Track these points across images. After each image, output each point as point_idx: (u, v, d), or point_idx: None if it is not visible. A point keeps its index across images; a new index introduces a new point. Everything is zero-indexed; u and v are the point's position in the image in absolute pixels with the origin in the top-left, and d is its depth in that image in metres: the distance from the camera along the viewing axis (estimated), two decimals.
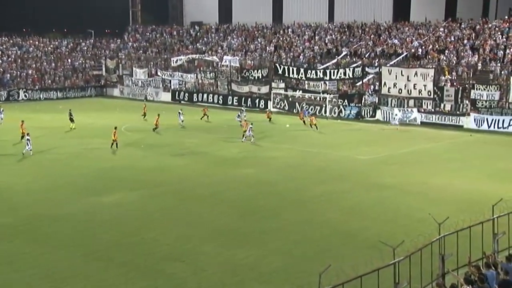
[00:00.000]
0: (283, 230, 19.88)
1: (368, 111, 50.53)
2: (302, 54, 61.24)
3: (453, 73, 48.45)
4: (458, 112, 45.84)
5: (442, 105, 46.68)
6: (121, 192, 24.98)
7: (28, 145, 32.08)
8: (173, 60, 66.86)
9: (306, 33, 65.31)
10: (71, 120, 44.18)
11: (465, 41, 51.76)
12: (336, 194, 24.54)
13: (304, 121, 46.73)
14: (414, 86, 47.64)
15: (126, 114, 54.57)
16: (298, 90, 56.23)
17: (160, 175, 28.50)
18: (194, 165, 31.01)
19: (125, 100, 68.86)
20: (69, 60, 76.97)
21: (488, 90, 45.18)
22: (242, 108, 51.35)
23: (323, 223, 20.56)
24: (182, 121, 45.56)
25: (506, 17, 53.60)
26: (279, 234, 19.48)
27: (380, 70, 50.29)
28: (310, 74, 54.62)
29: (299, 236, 19.19)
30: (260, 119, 47.30)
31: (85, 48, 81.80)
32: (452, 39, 52.95)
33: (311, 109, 52.92)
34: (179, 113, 46.27)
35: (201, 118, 49.61)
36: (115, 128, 35.95)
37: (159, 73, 68.25)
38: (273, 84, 57.68)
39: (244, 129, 39.34)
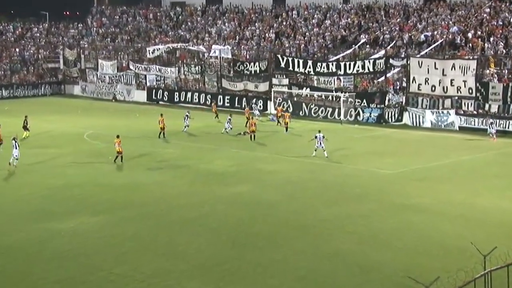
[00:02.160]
0: (284, 263, 19.88)
1: (393, 113, 50.77)
2: (310, 43, 61.55)
3: (500, 66, 48.67)
4: (507, 115, 45.99)
5: (486, 105, 46.88)
6: (82, 216, 24.97)
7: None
8: (149, 51, 67.27)
9: (315, 16, 65.68)
10: (25, 128, 44.23)
11: None
12: (352, 218, 24.51)
13: (279, 121, 47.35)
14: (451, 82, 47.86)
15: (90, 117, 54.72)
16: (305, 88, 56.56)
17: (132, 195, 28.50)
18: (173, 182, 31.03)
19: (89, 100, 69.18)
20: (17, 50, 77.17)
21: None
22: (253, 107, 53.45)
23: (334, 255, 20.54)
24: (187, 126, 45.82)
25: None
26: (279, 268, 19.44)
27: (408, 62, 50.55)
28: (320, 67, 54.95)
29: (304, 271, 19.18)
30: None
31: (38, 34, 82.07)
32: (500, 22, 53.25)
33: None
34: (186, 116, 46.28)
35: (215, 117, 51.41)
36: (118, 137, 35.78)
37: (131, 67, 68.60)
38: (274, 81, 58.00)
39: (253, 129, 42.22)
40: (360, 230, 23.02)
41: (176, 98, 64.53)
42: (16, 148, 33.14)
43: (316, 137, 36.33)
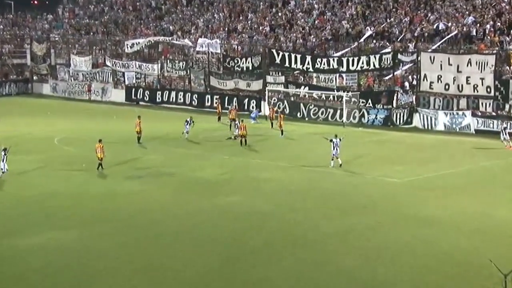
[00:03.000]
0: (281, 280, 19.92)
1: (402, 115, 51.04)
2: (308, 36, 61.75)
3: None
4: None
5: (506, 106, 47.26)
6: (52, 230, 24.93)
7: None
8: (127, 45, 67.44)
9: (315, 6, 65.91)
10: None
11: None
12: (357, 232, 24.64)
13: (272, 123, 47.74)
14: (467, 80, 48.19)
15: (61, 120, 54.69)
16: (303, 87, 56.81)
17: (109, 206, 28.55)
18: (156, 192, 31.09)
19: (60, 100, 69.16)
20: None
21: None
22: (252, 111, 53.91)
23: (336, 272, 20.63)
24: (187, 132, 45.37)
25: None
26: (276, 286, 19.49)
27: (419, 57, 50.84)
28: (320, 63, 55.23)
29: None
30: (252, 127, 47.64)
31: (1, 27, 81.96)
32: None
33: (319, 112, 53.54)
34: (187, 121, 45.93)
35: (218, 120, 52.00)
36: (100, 141, 36.06)
37: (108, 63, 68.72)
38: (269, 78, 58.24)
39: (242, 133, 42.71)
40: (366, 244, 23.14)
41: (158, 98, 64.63)
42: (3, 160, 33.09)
43: (332, 141, 35.30)
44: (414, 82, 51.93)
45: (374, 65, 52.99)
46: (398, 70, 53.66)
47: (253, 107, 57.31)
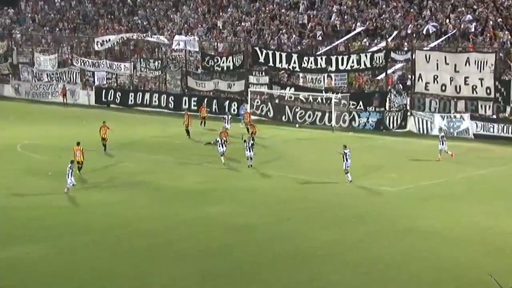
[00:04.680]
0: None
1: (395, 118, 51.30)
2: (294, 33, 61.99)
3: None
4: None
5: (508, 108, 47.61)
6: (20, 244, 25.01)
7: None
8: (97, 42, 67.12)
9: (301, 0, 66.01)
10: None
11: None
12: (347, 245, 24.89)
13: (248, 126, 47.28)
14: (465, 81, 48.47)
15: (24, 125, 54.41)
16: (288, 88, 56.92)
17: (80, 219, 28.62)
18: (130, 203, 31.17)
19: (23, 102, 68.65)
20: None
21: None
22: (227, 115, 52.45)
23: (331, 283, 20.91)
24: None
25: None
26: None
27: (413, 56, 51.12)
28: (307, 63, 55.43)
29: None
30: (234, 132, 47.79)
31: None
32: None
33: (305, 116, 53.80)
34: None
35: (201, 124, 51.48)
36: (78, 144, 36.31)
37: (75, 62, 68.38)
38: (251, 79, 58.33)
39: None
40: (358, 258, 23.35)
41: (131, 101, 64.40)
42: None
43: (345, 154, 34.24)
44: (409, 83, 52.16)
45: (365, 64, 53.12)
46: (391, 70, 53.86)
47: (234, 110, 57.27)
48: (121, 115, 59.25)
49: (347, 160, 34.08)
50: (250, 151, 37.72)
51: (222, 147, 39.04)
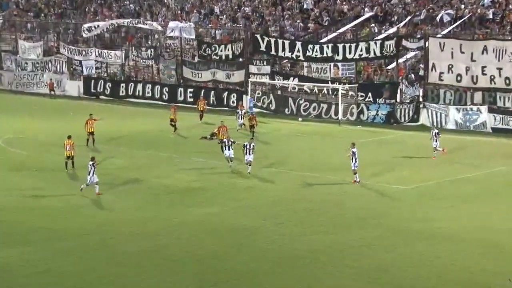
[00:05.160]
0: None
1: (407, 111, 51.17)
2: (298, 19, 61.80)
3: None
4: None
5: None
6: (0, 248, 25.03)
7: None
8: (85, 29, 66.95)
9: None
10: None
11: None
12: (353, 249, 24.70)
13: (250, 123, 46.35)
14: (482, 70, 48.50)
15: (7, 118, 54.28)
16: (292, 78, 56.79)
17: (66, 220, 28.48)
18: (120, 203, 31.02)
19: (6, 93, 68.57)
20: None
21: None
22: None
23: None
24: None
25: None
26: None
27: (427, 44, 51.00)
28: (312, 51, 55.26)
29: None
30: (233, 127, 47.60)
31: None
32: None
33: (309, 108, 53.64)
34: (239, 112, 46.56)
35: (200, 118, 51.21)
36: (69, 137, 36.50)
37: (62, 50, 68.31)
38: (252, 68, 58.17)
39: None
40: (364, 263, 23.17)
41: (122, 92, 64.35)
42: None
43: (353, 153, 33.69)
44: (421, 73, 52.06)
45: (374, 53, 52.98)
46: (403, 59, 53.71)
47: (233, 102, 57.13)
48: (111, 107, 59.24)
49: (355, 160, 33.61)
50: (249, 154, 35.67)
51: (229, 149, 36.76)
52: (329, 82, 54.48)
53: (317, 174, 35.72)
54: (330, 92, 53.86)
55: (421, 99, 51.10)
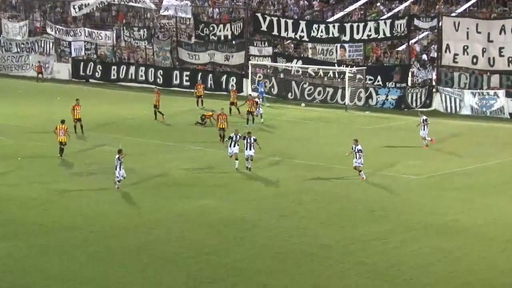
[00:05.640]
0: None
1: (419, 96, 51.07)
2: None
3: None
4: None
5: None
6: None
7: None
8: (74, 7, 66.76)
9: None
10: None
11: None
12: (362, 244, 24.59)
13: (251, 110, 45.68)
14: (499, 52, 48.36)
15: None
16: (295, 60, 56.67)
17: (51, 213, 28.40)
18: (110, 194, 30.94)
19: None
20: None
21: None
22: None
23: None
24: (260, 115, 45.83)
25: None
26: None
27: (440, 23, 50.83)
28: (317, 31, 55.10)
29: None
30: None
31: None
32: None
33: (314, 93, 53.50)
34: (258, 102, 45.71)
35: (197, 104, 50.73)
36: (63, 122, 36.77)
37: (49, 30, 68.09)
38: (252, 50, 58.06)
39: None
40: (374, 260, 23.06)
41: (114, 75, 64.31)
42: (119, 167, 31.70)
43: (357, 151, 32.73)
44: (434, 55, 51.92)
45: (384, 33, 52.86)
46: (415, 39, 53.60)
47: (232, 86, 56.99)
48: (102, 92, 59.22)
49: (356, 156, 32.63)
50: (250, 149, 34.06)
51: (235, 145, 34.63)
52: (335, 64, 54.40)
53: (323, 164, 35.63)
54: (337, 76, 53.76)
55: (434, 83, 50.99)
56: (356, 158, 32.75)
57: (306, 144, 40.63)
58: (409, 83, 51.79)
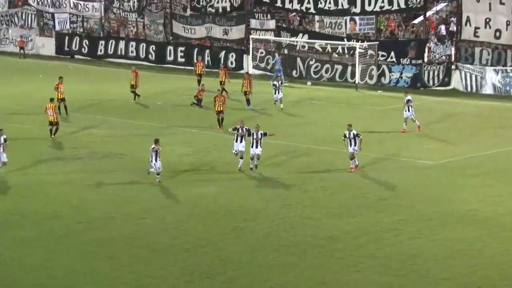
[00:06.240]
0: None
1: (436, 73, 51.04)
2: None
3: None
4: None
5: None
6: None
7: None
8: None
9: None
10: None
11: None
12: (373, 235, 24.61)
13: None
14: None
15: None
16: (301, 35, 56.62)
17: (32, 201, 28.42)
18: (94, 180, 30.95)
19: None
20: None
21: None
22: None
23: (353, 285, 20.67)
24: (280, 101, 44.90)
25: None
26: None
27: None
28: (325, 2, 55.05)
29: None
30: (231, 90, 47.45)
31: None
32: None
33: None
34: (276, 85, 45.06)
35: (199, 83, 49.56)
36: (51, 100, 37.16)
37: (31, 1, 67.95)
38: (253, 23, 58.00)
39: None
40: (387, 253, 23.07)
41: (101, 50, 64.37)
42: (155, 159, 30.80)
43: (345, 136, 32.15)
44: (453, 28, 51.85)
45: (398, 4, 52.78)
46: (431, 11, 53.49)
47: (232, 63, 56.92)
48: (89, 69, 59.30)
49: (349, 144, 31.83)
50: (256, 147, 31.90)
51: (241, 141, 32.33)
52: (345, 39, 54.37)
53: (330, 148, 35.57)
54: (346, 51, 53.87)
55: (452, 59, 51.00)
56: (351, 145, 31.69)
57: (312, 127, 40.74)
58: (426, 59, 51.83)
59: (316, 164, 33.30)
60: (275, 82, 45.43)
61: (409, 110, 38.88)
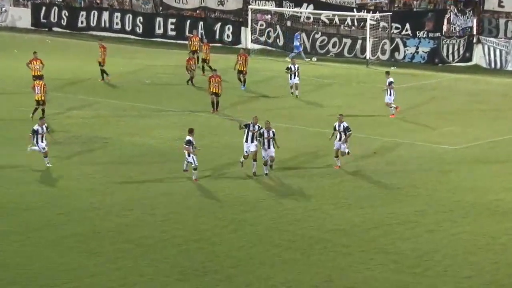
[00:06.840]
0: None
1: (456, 47, 51.12)
2: None
3: None
4: None
5: None
6: None
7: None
8: None
9: None
10: None
11: None
12: (384, 228, 24.66)
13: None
14: None
15: None
16: (306, 5, 56.63)
17: (6, 192, 28.41)
18: (80, 169, 30.93)
19: None
20: None
21: None
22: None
23: (363, 284, 20.76)
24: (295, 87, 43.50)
25: None
26: None
27: None
28: None
29: None
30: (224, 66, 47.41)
31: None
32: None
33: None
34: (291, 68, 43.80)
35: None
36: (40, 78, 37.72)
37: None
38: None
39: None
40: (401, 247, 23.12)
41: (82, 22, 64.32)
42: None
43: (335, 129, 30.98)
44: None
45: None
46: None
47: (228, 36, 56.90)
48: (68, 43, 59.31)
49: (338, 138, 30.63)
50: (269, 147, 30.19)
51: (252, 140, 30.46)
52: (354, 10, 54.45)
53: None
54: (356, 24, 53.96)
55: (474, 32, 51.16)
56: (340, 139, 30.72)
57: (318, 108, 40.81)
58: (444, 32, 51.93)
59: (322, 149, 33.17)
60: (290, 66, 43.95)
61: (390, 94, 38.33)
